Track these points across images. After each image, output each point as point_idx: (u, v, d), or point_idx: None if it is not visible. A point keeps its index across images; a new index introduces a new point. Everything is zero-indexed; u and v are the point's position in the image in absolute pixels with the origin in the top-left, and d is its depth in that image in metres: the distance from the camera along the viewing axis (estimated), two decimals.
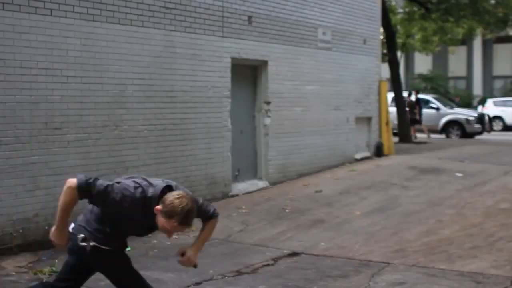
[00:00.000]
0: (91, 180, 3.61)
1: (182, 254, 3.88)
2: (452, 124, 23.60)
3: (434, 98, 24.94)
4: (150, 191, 3.59)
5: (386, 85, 15.81)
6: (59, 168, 7.87)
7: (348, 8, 13.84)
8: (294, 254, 7.33)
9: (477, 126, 23.41)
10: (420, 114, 22.15)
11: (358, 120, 14.33)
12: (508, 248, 7.20)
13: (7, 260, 7.01)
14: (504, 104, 28.82)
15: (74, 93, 8.07)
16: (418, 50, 27.07)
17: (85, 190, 3.60)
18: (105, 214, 3.74)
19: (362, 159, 14.24)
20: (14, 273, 6.64)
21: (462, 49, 34.09)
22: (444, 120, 23.64)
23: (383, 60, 18.51)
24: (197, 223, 3.87)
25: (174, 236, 8.23)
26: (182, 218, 3.48)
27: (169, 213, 3.48)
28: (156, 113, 9.19)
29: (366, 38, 14.59)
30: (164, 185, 3.63)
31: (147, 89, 9.06)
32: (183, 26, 9.63)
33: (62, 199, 3.63)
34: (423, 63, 36.78)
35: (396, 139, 18.39)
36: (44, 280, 6.23)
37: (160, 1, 9.24)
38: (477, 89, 36.59)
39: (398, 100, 19.53)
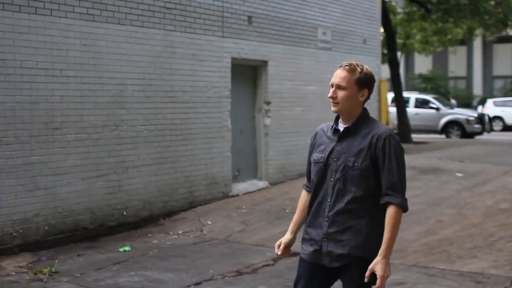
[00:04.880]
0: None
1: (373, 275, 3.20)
2: (452, 124, 23.60)
3: (434, 98, 24.95)
4: None
5: (386, 85, 15.82)
6: (59, 168, 7.88)
7: (348, 8, 13.84)
8: (294, 254, 7.31)
9: (477, 126, 23.41)
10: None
11: None
12: (508, 248, 7.19)
13: (7, 260, 7.02)
14: (504, 104, 28.80)
15: (74, 93, 8.07)
16: (418, 51, 27.08)
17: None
18: None
19: None
20: (14, 273, 6.64)
21: (462, 49, 34.06)
22: (444, 120, 23.64)
23: (383, 60, 18.51)
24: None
25: (174, 236, 8.28)
26: None
27: None
28: (156, 113, 9.19)
29: (366, 38, 14.59)
30: None
31: (147, 89, 9.06)
32: (183, 26, 9.63)
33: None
34: (423, 63, 36.76)
35: None
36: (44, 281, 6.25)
37: (160, 1, 9.24)
38: (477, 89, 36.57)
39: (398, 100, 19.53)
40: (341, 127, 3.44)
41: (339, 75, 3.43)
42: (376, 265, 3.19)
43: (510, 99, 29.58)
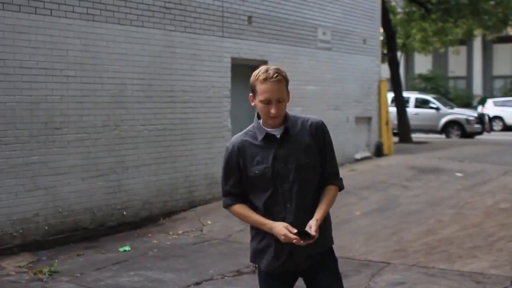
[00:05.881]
0: None
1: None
2: (452, 124, 23.61)
3: (434, 98, 24.96)
4: None
5: (386, 85, 15.82)
6: (59, 168, 7.88)
7: (348, 8, 13.85)
8: None
9: (477, 126, 23.42)
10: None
11: (358, 120, 14.33)
12: (508, 248, 7.19)
13: (7, 260, 7.02)
14: (504, 104, 28.81)
15: (74, 93, 8.07)
16: (418, 50, 27.08)
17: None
18: None
19: (362, 159, 14.24)
20: (14, 273, 6.64)
21: (462, 49, 33.97)
22: (444, 120, 23.65)
23: (383, 60, 18.51)
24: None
25: (174, 236, 8.27)
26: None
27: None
28: (156, 113, 9.19)
29: (366, 38, 14.59)
30: None
31: (147, 89, 9.06)
32: (183, 26, 9.63)
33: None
34: (423, 63, 36.75)
35: (396, 139, 18.39)
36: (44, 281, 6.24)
37: (160, 1, 9.24)
38: (477, 89, 36.56)
39: (398, 100, 19.54)
40: (273, 131, 3.27)
41: (275, 89, 3.18)
42: (312, 221, 3.17)
43: (510, 99, 29.58)
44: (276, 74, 3.20)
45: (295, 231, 3.13)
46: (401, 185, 11.06)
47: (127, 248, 7.68)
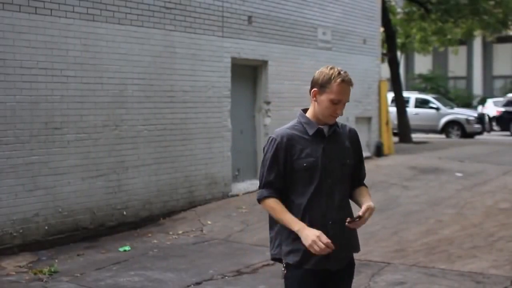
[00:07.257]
0: None
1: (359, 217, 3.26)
2: (452, 124, 23.61)
3: (434, 98, 24.96)
4: None
5: (386, 85, 15.82)
6: (59, 168, 7.88)
7: (348, 8, 13.85)
8: None
9: (477, 126, 23.42)
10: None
11: (358, 120, 14.33)
12: (508, 248, 7.20)
13: (7, 260, 7.02)
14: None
15: (74, 93, 8.07)
16: (417, 50, 27.08)
17: None
18: None
19: None
20: (14, 273, 6.64)
21: (462, 49, 33.95)
22: (444, 120, 23.65)
23: (383, 60, 18.50)
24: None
25: (174, 236, 8.26)
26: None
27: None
28: (156, 113, 9.19)
29: (366, 38, 14.59)
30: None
31: (147, 89, 9.06)
32: (183, 26, 9.63)
33: None
34: (423, 63, 36.73)
35: (396, 139, 18.39)
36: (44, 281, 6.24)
37: (160, 1, 9.24)
38: (477, 89, 36.55)
39: (398, 100, 19.54)
40: (322, 127, 3.33)
41: (347, 92, 3.29)
42: (370, 204, 3.32)
43: None
44: (350, 79, 3.31)
45: (327, 241, 3.12)
46: (401, 185, 11.06)
47: (127, 248, 7.68)
